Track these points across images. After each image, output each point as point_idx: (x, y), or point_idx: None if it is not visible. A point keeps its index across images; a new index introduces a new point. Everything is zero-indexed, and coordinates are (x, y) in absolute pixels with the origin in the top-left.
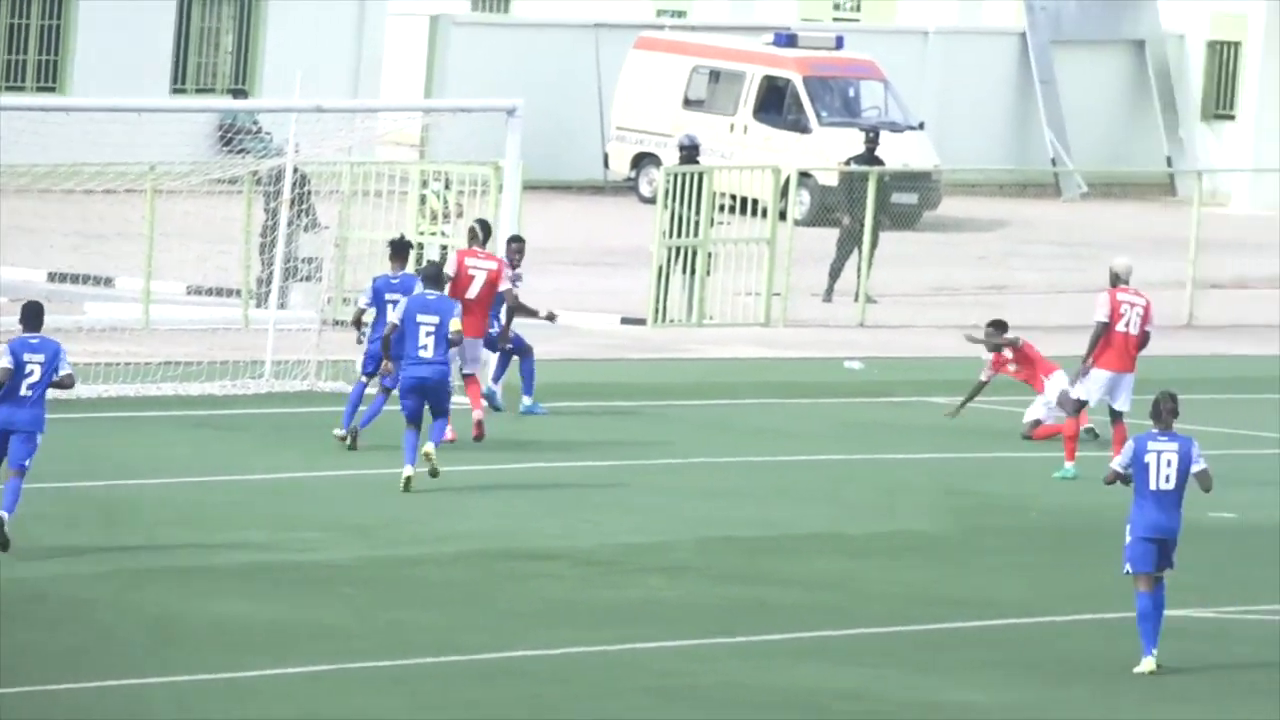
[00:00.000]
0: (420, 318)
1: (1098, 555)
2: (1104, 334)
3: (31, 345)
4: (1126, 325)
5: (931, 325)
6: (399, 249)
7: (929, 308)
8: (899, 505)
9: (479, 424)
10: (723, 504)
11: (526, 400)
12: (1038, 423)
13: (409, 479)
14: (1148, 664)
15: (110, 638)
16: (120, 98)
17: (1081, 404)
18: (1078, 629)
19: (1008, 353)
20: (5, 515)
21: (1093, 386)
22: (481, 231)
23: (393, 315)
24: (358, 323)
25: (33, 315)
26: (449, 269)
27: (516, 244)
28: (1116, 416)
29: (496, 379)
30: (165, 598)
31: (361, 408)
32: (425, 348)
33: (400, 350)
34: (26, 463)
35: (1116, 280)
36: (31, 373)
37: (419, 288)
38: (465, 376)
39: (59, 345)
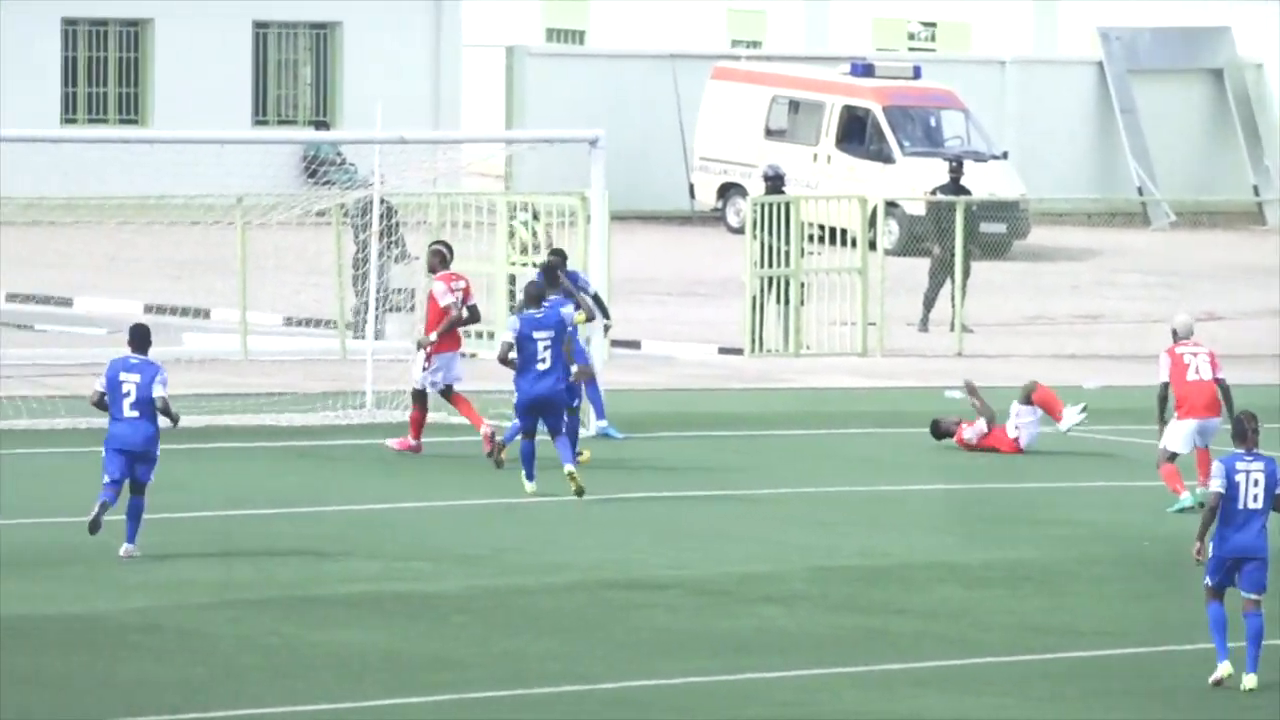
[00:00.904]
0: (536, 334)
1: None
2: (1172, 391)
3: (130, 365)
4: (1197, 373)
5: (1029, 355)
6: (550, 273)
7: (1025, 337)
8: (1010, 534)
9: (487, 439)
10: (832, 533)
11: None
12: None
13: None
14: (1223, 669)
15: (228, 668)
16: (203, 130)
17: (1173, 455)
18: (1198, 657)
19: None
20: (130, 547)
21: (1183, 436)
22: (449, 253)
23: (507, 335)
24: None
25: (138, 337)
26: (442, 298)
27: (556, 256)
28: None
29: (600, 414)
30: (280, 628)
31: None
32: (544, 361)
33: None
34: (148, 480)
35: (1175, 337)
36: (129, 393)
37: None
38: (445, 391)
39: (159, 368)
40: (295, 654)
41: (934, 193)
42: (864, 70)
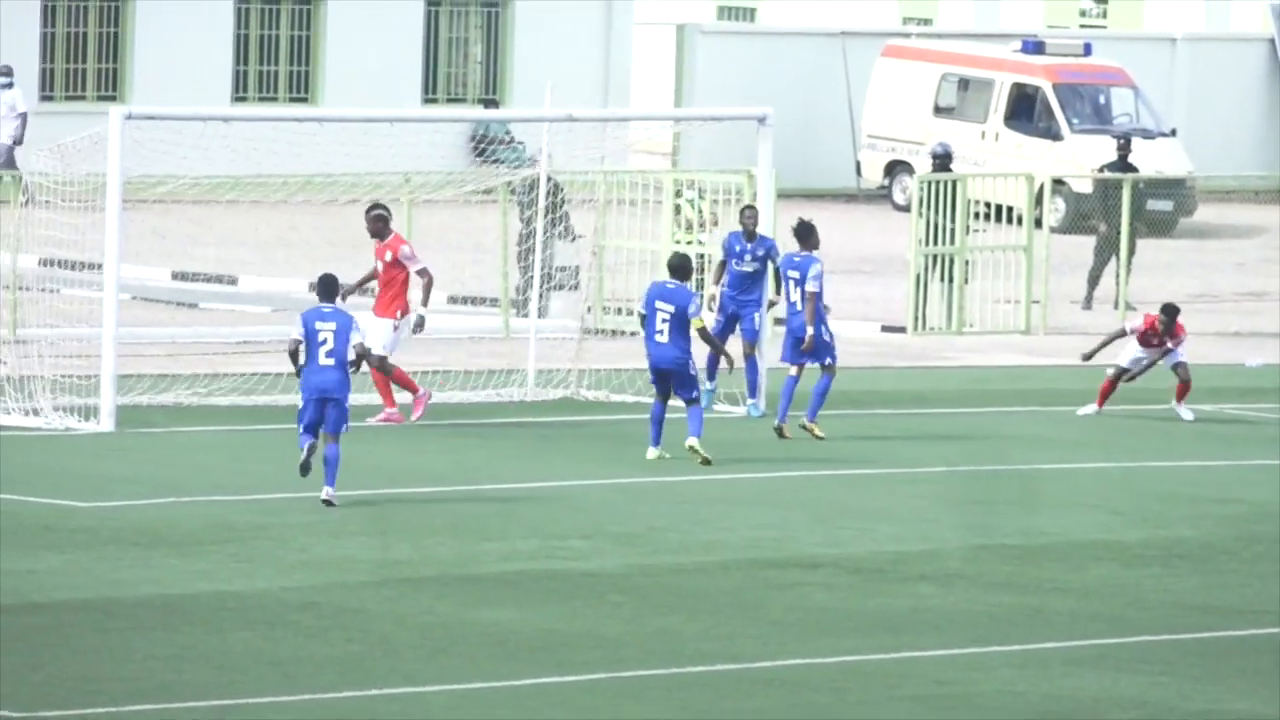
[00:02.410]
0: (659, 304)
1: None
2: None
3: (324, 314)
4: None
5: (1193, 333)
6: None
7: (1189, 315)
8: (1169, 512)
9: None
10: (990, 511)
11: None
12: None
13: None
14: None
15: (384, 646)
16: (372, 108)
17: None
18: None
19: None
20: (330, 489)
21: None
22: (390, 215)
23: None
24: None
25: (327, 287)
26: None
27: (750, 211)
28: None
29: (752, 393)
30: (436, 606)
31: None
32: (661, 333)
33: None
34: (343, 428)
35: None
36: (325, 340)
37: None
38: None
39: (351, 317)
40: (451, 632)
41: (1101, 170)
42: (1034, 47)
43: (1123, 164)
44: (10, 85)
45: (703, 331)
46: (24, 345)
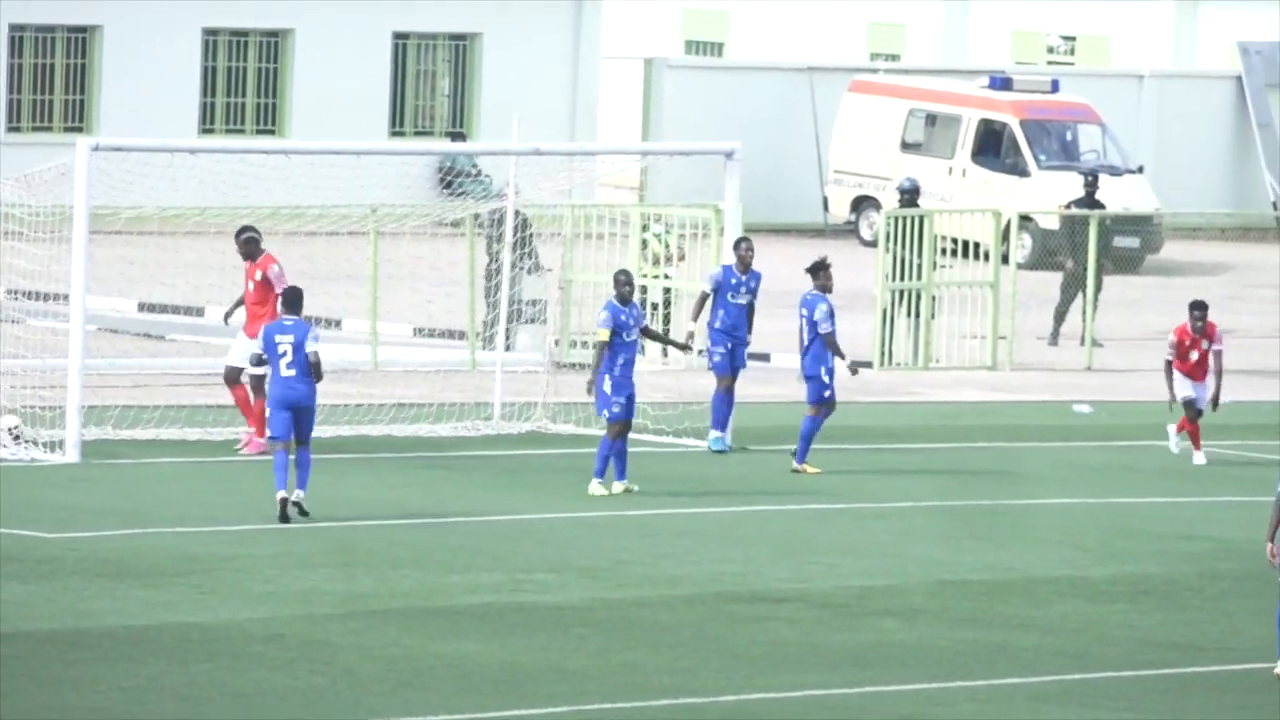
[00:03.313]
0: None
1: None
2: None
3: (284, 327)
4: None
5: (1159, 369)
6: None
7: (1155, 351)
8: (1134, 549)
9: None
10: (955, 547)
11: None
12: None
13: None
14: None
15: (349, 678)
16: (339, 140)
17: None
18: None
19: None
20: (301, 493)
21: None
22: (260, 237)
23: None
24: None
25: (291, 299)
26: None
27: (746, 243)
28: None
29: (722, 424)
30: (401, 638)
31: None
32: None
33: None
34: (309, 436)
35: None
36: (285, 353)
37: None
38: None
39: (309, 327)
40: (416, 664)
41: (1068, 207)
42: (1002, 84)
43: (1089, 201)
44: None
45: (601, 345)
46: None
